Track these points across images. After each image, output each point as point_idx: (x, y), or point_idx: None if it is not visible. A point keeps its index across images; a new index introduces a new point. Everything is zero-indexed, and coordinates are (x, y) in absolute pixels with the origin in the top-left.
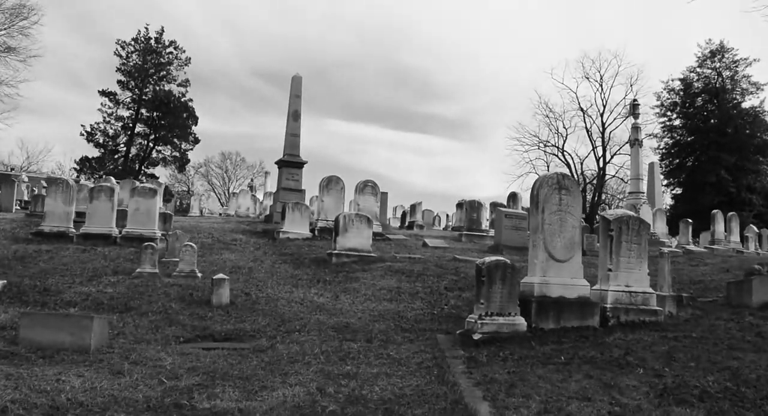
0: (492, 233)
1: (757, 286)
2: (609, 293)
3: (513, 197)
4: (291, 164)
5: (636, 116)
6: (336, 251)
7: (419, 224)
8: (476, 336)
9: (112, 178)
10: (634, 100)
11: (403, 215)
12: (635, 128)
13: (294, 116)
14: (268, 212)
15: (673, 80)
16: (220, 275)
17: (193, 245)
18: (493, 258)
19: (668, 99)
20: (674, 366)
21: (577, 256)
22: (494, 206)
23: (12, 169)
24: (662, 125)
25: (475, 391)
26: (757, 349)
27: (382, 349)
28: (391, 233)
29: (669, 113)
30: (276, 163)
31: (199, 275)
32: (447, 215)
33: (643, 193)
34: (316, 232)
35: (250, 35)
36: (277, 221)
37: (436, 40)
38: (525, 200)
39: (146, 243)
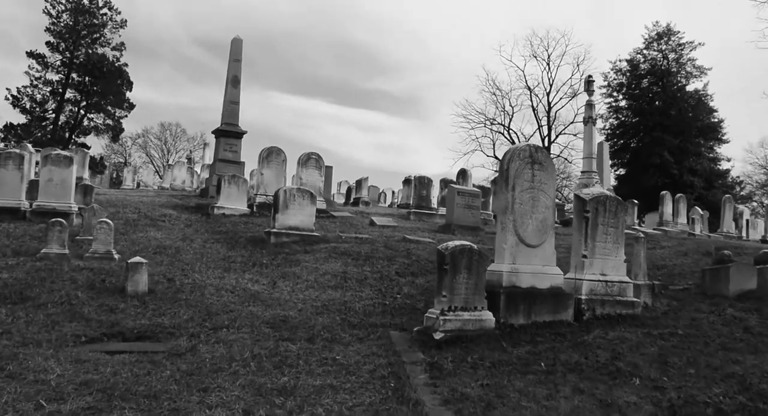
0: (442, 211)
1: (734, 274)
2: (584, 282)
3: (462, 174)
4: (229, 133)
5: (590, 92)
6: (275, 230)
7: (365, 200)
8: (438, 335)
9: (29, 144)
10: (589, 76)
11: (348, 190)
12: (589, 105)
13: (233, 82)
14: (204, 186)
15: (620, 61)
16: (137, 259)
17: (109, 222)
18: (458, 243)
19: (615, 80)
20: (672, 374)
21: (550, 240)
22: (445, 183)
23: None
24: (608, 105)
25: (444, 413)
26: (753, 349)
27: (326, 351)
28: (335, 210)
29: (615, 94)
30: (213, 132)
31: (116, 256)
32: (393, 192)
33: (596, 173)
34: (254, 208)
35: (193, 1)
36: (212, 195)
37: (384, 15)
38: (475, 179)
39: (54, 219)
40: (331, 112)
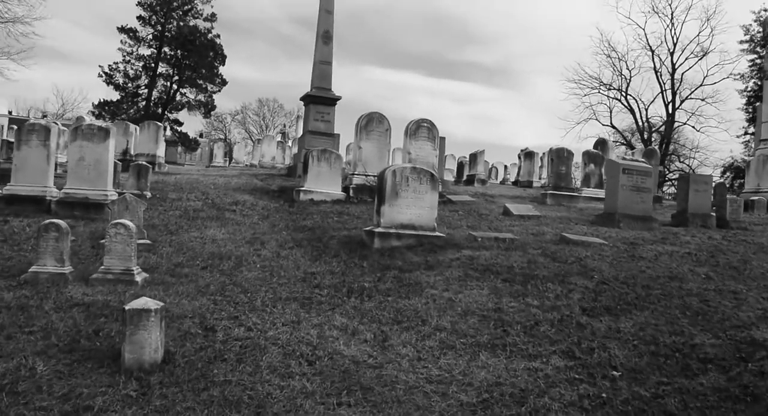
0: (586, 192)
1: None
2: None
3: (602, 145)
4: (320, 99)
5: None
6: (380, 230)
7: (480, 178)
8: None
9: (86, 115)
10: None
11: (460, 166)
12: None
13: (324, 38)
14: (292, 163)
15: (765, 11)
16: (141, 303)
17: (128, 224)
18: None
19: (759, 33)
20: None
21: None
22: (589, 156)
23: (44, 115)
24: (751, 63)
25: None
26: None
27: None
28: (451, 192)
29: (759, 50)
30: (302, 99)
31: (139, 278)
32: (505, 167)
33: None
34: (350, 192)
35: None
36: (300, 174)
37: None
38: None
39: (48, 222)
40: (423, 84)
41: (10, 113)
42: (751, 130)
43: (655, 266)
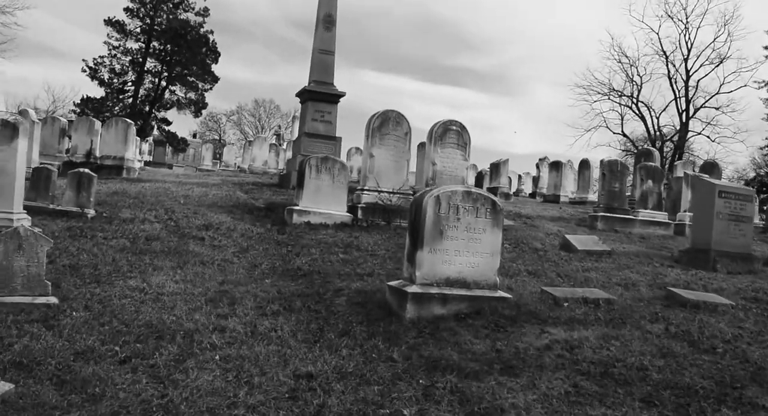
0: (642, 215)
1: None
2: None
3: (647, 156)
4: (320, 95)
5: None
6: (416, 289)
7: (504, 191)
8: None
9: (31, 110)
10: None
11: (479, 177)
12: None
13: (326, 23)
14: (285, 171)
15: None
16: None
17: None
18: None
19: None
20: None
21: None
22: (647, 171)
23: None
24: None
25: None
26: None
27: None
28: None
29: None
30: (298, 95)
31: None
32: (519, 176)
33: None
34: (358, 212)
35: None
36: (293, 185)
37: None
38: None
39: None
40: (419, 89)
41: None
42: None
43: None
